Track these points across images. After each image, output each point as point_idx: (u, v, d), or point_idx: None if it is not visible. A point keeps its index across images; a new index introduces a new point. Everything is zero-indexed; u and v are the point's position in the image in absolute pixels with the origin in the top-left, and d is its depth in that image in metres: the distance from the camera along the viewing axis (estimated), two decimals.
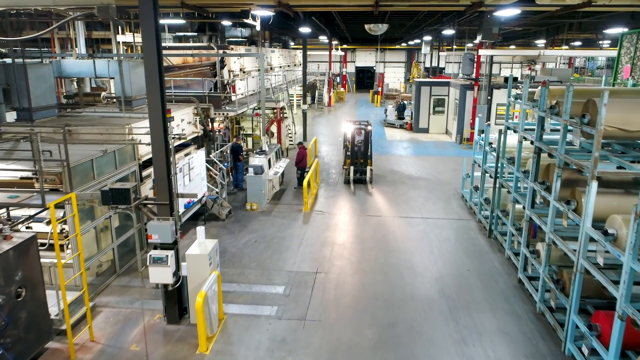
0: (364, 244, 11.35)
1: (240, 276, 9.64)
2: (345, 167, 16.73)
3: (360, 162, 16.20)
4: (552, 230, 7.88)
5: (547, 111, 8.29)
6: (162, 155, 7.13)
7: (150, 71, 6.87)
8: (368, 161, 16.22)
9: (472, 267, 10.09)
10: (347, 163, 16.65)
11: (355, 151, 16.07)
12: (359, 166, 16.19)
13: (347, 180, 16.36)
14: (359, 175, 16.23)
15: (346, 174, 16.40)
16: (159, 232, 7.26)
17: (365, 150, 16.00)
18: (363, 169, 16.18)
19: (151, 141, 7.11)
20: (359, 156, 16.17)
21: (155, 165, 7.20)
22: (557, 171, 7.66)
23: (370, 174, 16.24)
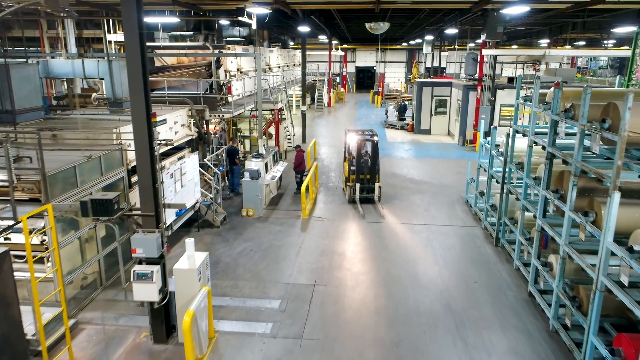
0: (365, 252, 10.81)
1: (233, 289, 9.09)
2: (349, 185, 14.12)
3: (367, 179, 14.09)
4: (567, 243, 7.34)
5: (561, 114, 7.75)
6: (147, 163, 6.60)
7: (133, 71, 6.34)
8: (376, 177, 14.08)
9: (479, 279, 9.54)
10: (351, 179, 14.19)
11: (361, 166, 13.99)
12: (366, 183, 14.09)
13: (351, 199, 14.09)
14: (366, 193, 14.13)
15: (351, 192, 14.03)
16: (143, 246, 6.72)
17: (372, 165, 13.87)
18: (370, 187, 14.08)
19: (135, 148, 6.58)
20: (365, 171, 14.05)
21: (140, 173, 6.67)
22: (573, 179, 7.12)
23: (379, 192, 14.09)
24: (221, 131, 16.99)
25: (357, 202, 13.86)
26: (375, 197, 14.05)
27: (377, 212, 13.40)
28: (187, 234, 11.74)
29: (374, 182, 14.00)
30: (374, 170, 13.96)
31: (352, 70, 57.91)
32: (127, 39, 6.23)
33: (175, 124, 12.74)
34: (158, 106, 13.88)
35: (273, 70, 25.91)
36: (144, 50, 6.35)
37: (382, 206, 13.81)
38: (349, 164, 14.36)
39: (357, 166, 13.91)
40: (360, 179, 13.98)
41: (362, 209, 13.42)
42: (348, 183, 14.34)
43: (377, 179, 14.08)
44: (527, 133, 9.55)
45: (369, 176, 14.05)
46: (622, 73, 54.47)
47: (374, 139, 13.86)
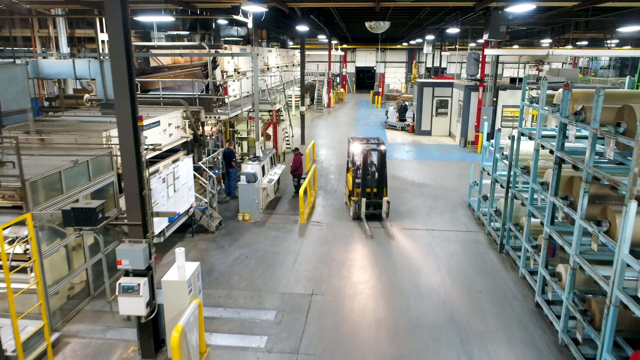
0: (364, 260, 10.43)
1: (227, 299, 8.71)
2: (354, 200, 12.62)
3: (374, 193, 12.61)
4: (577, 253, 6.96)
5: (570, 117, 7.37)
6: (133, 169, 6.22)
7: (117, 71, 5.96)
8: (384, 190, 12.60)
9: (483, 288, 9.16)
10: (356, 194, 12.71)
11: (367, 178, 12.49)
12: (372, 198, 12.60)
13: (356, 216, 12.69)
14: (372, 209, 12.66)
15: (356, 208, 12.57)
16: (129, 257, 6.34)
17: (380, 178, 12.44)
18: (377, 202, 12.63)
19: (120, 153, 6.20)
20: (372, 185, 12.57)
21: (126, 180, 6.29)
22: (584, 186, 6.74)
23: (387, 208, 12.63)
24: (218, 133, 16.62)
25: (363, 220, 12.46)
26: (383, 213, 12.60)
27: (386, 230, 12.04)
28: (181, 240, 11.36)
29: (382, 197, 12.54)
30: (382, 183, 12.50)
31: (352, 71, 57.54)
32: (111, 36, 5.85)
33: (169, 126, 12.35)
34: (152, 107, 13.51)
35: (271, 70, 25.53)
36: (130, 48, 5.97)
37: (391, 224, 12.44)
38: (353, 176, 12.84)
39: (362, 179, 12.42)
40: (366, 193, 12.50)
41: (369, 228, 11.98)
42: (352, 197, 12.74)
43: (384, 193, 12.60)
44: (533, 136, 9.17)
45: (375, 190, 12.55)
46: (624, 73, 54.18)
47: (381, 149, 12.41)
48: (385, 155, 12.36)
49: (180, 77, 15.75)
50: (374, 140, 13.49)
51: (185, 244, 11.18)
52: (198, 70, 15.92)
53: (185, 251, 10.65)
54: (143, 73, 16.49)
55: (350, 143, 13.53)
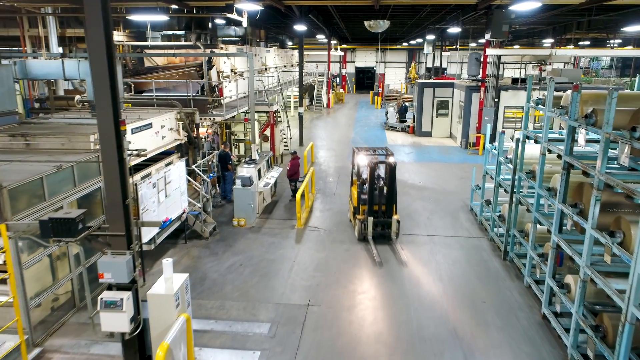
0: (363, 267, 10.03)
1: (219, 310, 8.32)
2: (359, 218, 11.22)
3: (383, 211, 11.15)
4: (588, 264, 6.57)
5: (580, 120, 6.98)
6: (116, 177, 5.82)
7: (97, 70, 5.57)
8: (393, 208, 11.14)
9: (487, 298, 8.77)
10: (361, 212, 11.30)
11: (374, 194, 11.05)
12: (380, 216, 11.14)
13: (362, 236, 11.17)
14: (380, 229, 11.19)
15: (361, 228, 11.12)
16: (112, 270, 5.94)
17: (389, 194, 10.98)
18: (386, 221, 11.15)
19: (102, 160, 5.81)
20: (380, 201, 11.11)
21: (108, 188, 5.90)
22: (596, 194, 6.35)
23: (397, 228, 11.12)
24: (213, 135, 16.24)
25: (370, 243, 10.98)
26: (392, 233, 11.10)
27: (395, 254, 10.59)
28: (174, 247, 10.97)
29: (391, 215, 11.06)
30: (391, 199, 11.03)
31: (352, 71, 57.17)
32: (89, 32, 5.46)
33: (162, 128, 11.96)
34: (145, 109, 13.15)
35: (269, 70, 25.14)
36: (111, 46, 5.57)
37: (402, 246, 10.98)
38: (359, 191, 11.45)
39: (369, 194, 10.95)
40: (373, 211, 11.05)
41: (377, 253, 10.47)
42: (357, 216, 11.32)
43: (394, 211, 11.15)
44: (539, 139, 8.78)
45: (384, 207, 11.08)
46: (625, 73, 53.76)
47: (391, 161, 11.02)
48: (395, 169, 10.95)
49: (174, 78, 15.36)
50: (381, 150, 12.10)
51: (178, 250, 10.80)
52: (193, 71, 15.54)
53: (177, 259, 10.37)
54: (137, 73, 16.12)
55: (356, 154, 12.06)
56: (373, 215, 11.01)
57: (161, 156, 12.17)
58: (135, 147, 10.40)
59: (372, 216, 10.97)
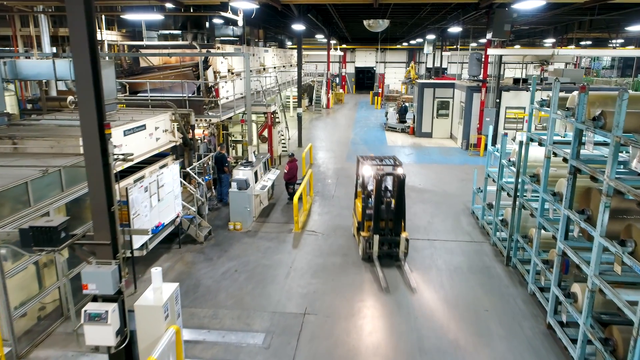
0: (362, 275, 9.73)
1: (212, 319, 8.02)
2: (364, 236, 10.07)
3: (390, 228, 10.06)
4: (597, 274, 6.27)
5: (588, 123, 6.69)
6: (100, 183, 5.53)
7: (80, 70, 5.29)
8: (401, 224, 10.01)
9: (490, 307, 8.48)
10: (366, 228, 10.18)
11: (380, 209, 9.97)
12: (387, 234, 10.05)
13: (367, 255, 10.10)
14: (387, 248, 10.11)
15: (366, 245, 10.00)
16: (96, 281, 5.65)
17: (397, 209, 9.89)
18: (394, 239, 10.02)
19: (85, 165, 5.51)
20: (387, 216, 10.00)
21: (93, 195, 5.60)
22: (605, 200, 6.05)
23: (405, 247, 10.00)
24: (210, 136, 15.97)
25: (375, 264, 9.86)
26: (400, 253, 10.00)
27: (404, 277, 9.50)
28: (167, 252, 10.68)
29: (399, 232, 9.96)
30: (400, 215, 9.91)
31: (352, 71, 56.88)
32: (72, 29, 5.17)
33: (156, 130, 11.69)
34: (139, 110, 12.87)
35: (268, 70, 24.85)
36: (94, 44, 5.28)
37: (412, 268, 9.87)
38: (363, 205, 10.31)
39: (375, 209, 9.85)
40: (379, 228, 9.98)
41: (383, 276, 9.36)
42: (362, 232, 10.21)
43: (402, 228, 10.04)
44: (543, 142, 8.49)
45: (391, 223, 10.00)
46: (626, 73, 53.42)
47: (399, 172, 9.89)
48: (404, 181, 9.79)
49: (170, 78, 15.07)
50: (389, 160, 11.02)
51: (172, 256, 10.50)
52: (189, 71, 15.24)
53: (170, 265, 10.09)
54: (132, 74, 15.83)
55: (360, 164, 10.98)
56: (379, 233, 9.93)
57: (156, 158, 11.90)
58: (128, 150, 10.22)
59: (378, 233, 9.88)
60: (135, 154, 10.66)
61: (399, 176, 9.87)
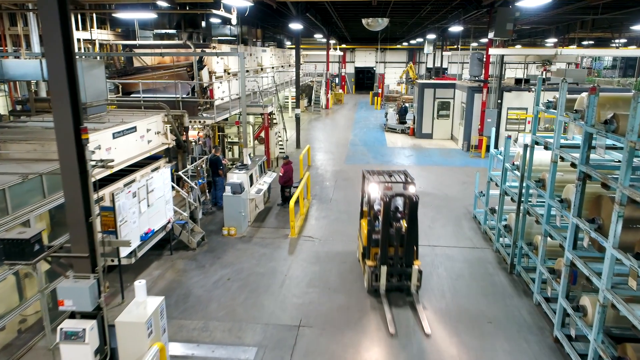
0: (361, 282, 9.35)
1: (202, 332, 7.63)
2: (370, 265, 8.65)
3: (399, 256, 8.54)
4: (609, 288, 5.89)
5: (599, 127, 6.30)
6: (77, 192, 5.15)
7: (54, 70, 4.90)
8: (413, 252, 8.59)
9: (494, 318, 8.09)
10: (372, 256, 8.83)
11: (388, 233, 8.45)
12: (396, 263, 8.56)
13: (373, 287, 8.62)
14: (396, 280, 8.63)
15: (372, 278, 8.54)
16: (73, 296, 5.28)
17: (409, 234, 8.43)
18: (405, 270, 8.57)
19: (61, 172, 5.13)
20: (397, 242, 8.47)
21: (69, 205, 5.23)
22: (618, 209, 5.67)
23: (418, 279, 8.56)
24: (205, 138, 15.57)
25: (382, 299, 8.48)
26: (412, 287, 8.59)
27: (416, 318, 8.01)
28: (158, 259, 10.29)
29: (411, 262, 8.56)
30: (412, 241, 8.49)
31: (351, 71, 56.50)
32: (45, 25, 4.80)
33: (147, 132, 11.32)
34: (131, 111, 12.50)
35: (265, 71, 24.47)
36: (70, 41, 4.91)
37: (425, 304, 8.46)
38: (369, 228, 8.98)
39: (382, 235, 8.38)
40: (387, 256, 8.48)
41: (392, 318, 7.91)
42: (367, 261, 8.83)
43: (415, 256, 8.65)
44: (550, 145, 8.11)
45: (401, 250, 8.52)
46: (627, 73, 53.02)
47: (411, 193, 8.50)
48: (417, 204, 8.36)
49: (164, 79, 14.68)
50: (399, 175, 9.54)
51: (162, 263, 10.12)
52: (183, 71, 14.86)
53: (161, 272, 9.70)
54: (125, 74, 15.46)
55: (366, 180, 9.48)
56: (387, 262, 8.49)
57: (148, 161, 11.54)
58: (118, 153, 9.85)
59: (385, 264, 8.45)
60: (125, 157, 10.33)
61: (410, 197, 8.41)
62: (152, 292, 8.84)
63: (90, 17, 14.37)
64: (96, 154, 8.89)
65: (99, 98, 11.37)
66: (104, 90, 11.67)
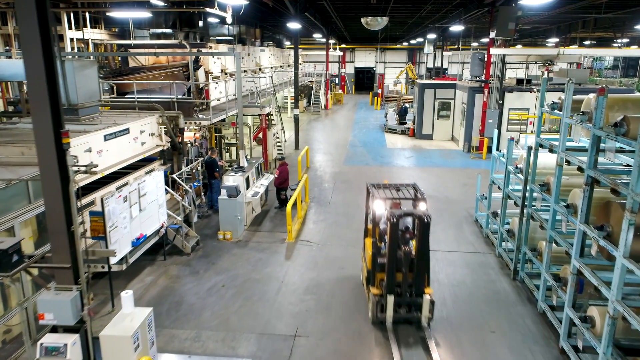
0: (359, 289, 9.07)
1: (194, 342, 7.35)
2: (374, 292, 7.65)
3: (408, 282, 7.49)
4: (619, 299, 5.60)
5: (608, 130, 6.02)
6: (58, 200, 4.87)
7: (32, 71, 4.63)
8: (425, 279, 7.55)
9: (497, 327, 7.81)
10: (377, 282, 7.76)
11: (395, 257, 7.39)
12: (405, 291, 7.49)
13: (378, 319, 7.65)
14: (405, 311, 7.57)
15: (377, 308, 7.57)
16: (54, 310, 5.00)
17: (420, 257, 7.43)
18: (415, 300, 7.52)
19: (41, 178, 4.85)
20: (405, 268, 7.42)
21: (50, 213, 4.94)
22: (629, 217, 5.38)
23: (429, 310, 7.48)
24: (201, 139, 15.29)
25: (389, 335, 7.43)
26: (424, 319, 7.54)
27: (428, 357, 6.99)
28: (151, 264, 10.01)
29: (422, 291, 7.47)
30: (422, 267, 7.46)
31: (351, 71, 56.22)
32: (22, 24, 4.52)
33: (141, 134, 11.03)
34: (125, 112, 12.21)
35: (264, 71, 24.19)
36: (50, 40, 4.63)
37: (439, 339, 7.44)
38: (374, 251, 7.88)
39: (389, 258, 7.35)
40: (394, 284, 7.44)
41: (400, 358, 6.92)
42: (372, 288, 7.74)
43: (426, 283, 7.58)
44: (555, 148, 7.82)
45: (411, 276, 7.48)
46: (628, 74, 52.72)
47: (422, 212, 7.46)
48: (429, 225, 7.34)
49: (159, 79, 14.39)
50: (407, 189, 8.59)
51: (155, 269, 9.83)
52: (179, 72, 14.57)
53: (153, 279, 9.40)
54: (120, 74, 15.17)
55: (371, 196, 8.35)
56: (394, 291, 7.45)
57: (142, 163, 11.27)
58: (110, 156, 9.58)
59: (392, 292, 7.42)
60: (117, 159, 10.05)
61: (421, 218, 7.31)
62: (144, 300, 8.57)
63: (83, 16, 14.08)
64: (87, 157, 8.65)
65: (92, 99, 11.08)
66: (96, 90, 11.38)
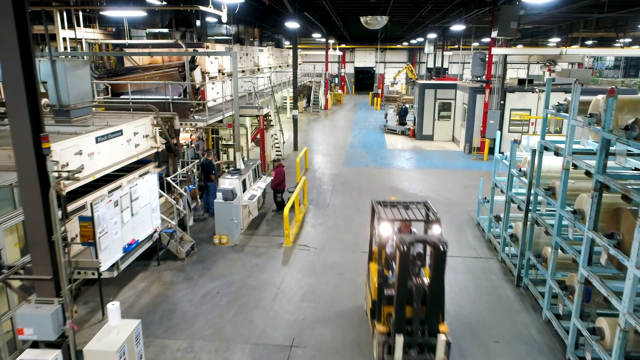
0: (358, 296, 8.79)
1: (187, 354, 7.07)
2: (380, 330, 6.43)
3: (420, 319, 6.29)
4: (631, 311, 5.33)
5: (618, 133, 5.74)
6: (38, 208, 4.60)
7: (9, 73, 4.35)
8: (439, 316, 6.35)
9: (500, 337, 7.53)
10: (384, 317, 6.57)
11: (406, 289, 6.19)
12: (416, 330, 6.25)
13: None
14: (416, 353, 6.26)
15: (383, 349, 6.28)
16: (34, 324, 4.72)
17: (434, 290, 6.26)
18: (428, 341, 6.26)
19: (19, 184, 4.58)
20: (417, 302, 6.21)
21: (29, 222, 4.67)
22: None
23: (445, 352, 6.23)
24: (198, 140, 15.01)
25: None
26: None
27: None
28: (144, 270, 9.74)
29: (436, 330, 6.28)
30: (437, 302, 6.31)
31: (351, 71, 55.95)
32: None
33: (135, 136, 10.75)
34: (119, 113, 11.93)
35: (262, 71, 23.91)
36: (28, 41, 4.35)
37: None
38: (381, 280, 6.67)
39: (398, 289, 6.15)
40: (403, 319, 6.20)
41: None
42: (378, 325, 6.55)
43: (440, 319, 6.36)
44: (561, 151, 7.55)
45: (424, 311, 6.31)
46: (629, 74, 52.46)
47: (437, 238, 6.29)
48: (445, 254, 6.15)
49: (155, 79, 14.12)
50: (418, 207, 7.45)
51: (149, 274, 9.56)
52: (175, 72, 14.30)
53: (146, 285, 9.11)
54: (115, 74, 14.90)
55: (376, 215, 7.20)
56: (404, 330, 6.19)
57: (137, 165, 11.00)
58: (102, 158, 9.30)
59: (402, 332, 6.16)
60: (110, 162, 9.77)
61: (436, 245, 6.09)
62: (136, 307, 8.30)
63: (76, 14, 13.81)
64: (77, 160, 8.38)
65: (84, 100, 10.80)
66: (88, 91, 11.10)
